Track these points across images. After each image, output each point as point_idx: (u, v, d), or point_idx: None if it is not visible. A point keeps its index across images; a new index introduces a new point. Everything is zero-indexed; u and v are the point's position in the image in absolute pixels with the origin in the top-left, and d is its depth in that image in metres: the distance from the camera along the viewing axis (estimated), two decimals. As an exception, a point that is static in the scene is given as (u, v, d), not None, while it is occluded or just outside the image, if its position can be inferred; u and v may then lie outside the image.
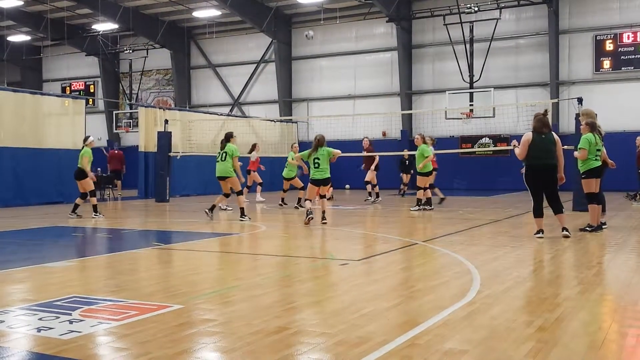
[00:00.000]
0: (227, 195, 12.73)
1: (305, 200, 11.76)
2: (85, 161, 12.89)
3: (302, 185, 15.61)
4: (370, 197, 17.58)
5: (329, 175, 11.50)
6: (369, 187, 17.66)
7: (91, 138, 13.51)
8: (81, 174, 12.97)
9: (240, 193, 12.54)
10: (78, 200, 13.09)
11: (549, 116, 9.24)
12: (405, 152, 20.18)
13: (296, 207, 15.29)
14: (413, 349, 3.64)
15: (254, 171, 18.32)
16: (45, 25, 29.23)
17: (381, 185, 24.12)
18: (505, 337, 3.89)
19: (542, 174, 8.82)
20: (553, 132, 9.03)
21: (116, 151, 23.64)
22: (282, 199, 16.25)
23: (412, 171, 20.85)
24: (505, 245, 8.34)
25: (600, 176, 9.85)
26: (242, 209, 12.29)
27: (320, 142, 11.45)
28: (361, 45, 27.85)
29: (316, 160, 11.36)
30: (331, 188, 16.07)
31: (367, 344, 3.72)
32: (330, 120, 26.00)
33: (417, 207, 14.32)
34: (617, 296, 5.33)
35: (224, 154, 12.45)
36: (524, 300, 4.99)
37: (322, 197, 11.72)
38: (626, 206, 15.43)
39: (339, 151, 11.63)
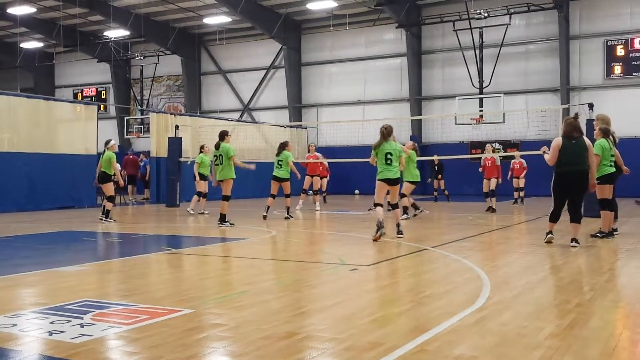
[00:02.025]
0: (227, 198, 12.13)
1: (375, 205, 9.77)
2: (115, 165, 13.18)
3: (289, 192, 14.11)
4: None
5: (400, 178, 9.89)
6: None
7: (113, 141, 13.71)
8: (106, 178, 13.02)
9: (226, 198, 12.02)
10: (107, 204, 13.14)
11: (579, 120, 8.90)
12: (435, 158, 20.19)
13: (287, 218, 13.76)
14: (423, 354, 3.64)
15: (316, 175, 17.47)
16: (57, 32, 29.48)
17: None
18: (516, 343, 3.87)
19: (572, 180, 8.47)
20: (585, 137, 8.67)
21: (131, 156, 23.73)
22: (268, 208, 13.62)
23: (439, 176, 21.01)
24: (516, 251, 8.31)
25: (614, 182, 9.78)
26: (223, 215, 11.91)
27: (389, 132, 9.72)
28: (371, 51, 27.89)
29: (388, 156, 9.58)
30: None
31: (376, 349, 3.71)
32: (339, 126, 26.01)
33: (406, 216, 13.57)
34: (629, 302, 5.29)
35: (220, 157, 12.06)
36: (535, 306, 4.96)
37: (393, 207, 10.08)
38: (637, 212, 15.33)
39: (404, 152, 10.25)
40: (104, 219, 12.93)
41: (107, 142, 13.59)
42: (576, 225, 8.58)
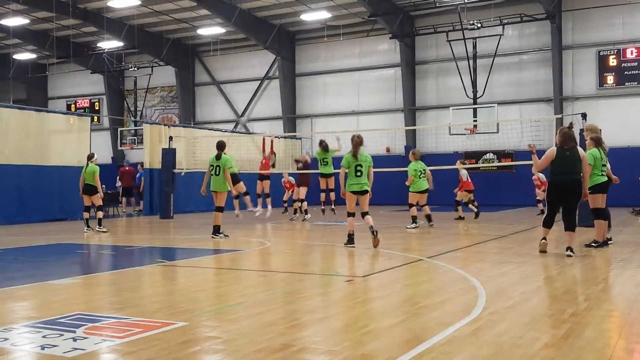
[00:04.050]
0: (221, 209, 12.10)
1: (348, 215, 10.11)
2: (97, 178, 13.44)
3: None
4: (300, 214, 16.99)
5: (368, 189, 9.95)
6: (305, 204, 17.02)
7: (96, 155, 14.00)
8: (93, 189, 13.41)
9: (220, 210, 11.94)
10: (86, 215, 13.55)
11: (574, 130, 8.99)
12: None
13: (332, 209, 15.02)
14: (418, 366, 3.61)
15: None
16: (50, 44, 29.48)
17: (389, 202, 24.12)
18: (511, 354, 3.85)
19: (567, 189, 8.58)
20: (579, 147, 8.79)
21: (127, 168, 23.59)
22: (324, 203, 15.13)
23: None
24: (511, 261, 8.29)
25: (607, 191, 9.81)
26: (217, 227, 11.83)
27: (361, 141, 9.91)
28: (365, 62, 27.99)
29: (358, 168, 9.83)
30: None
31: (372, 361, 3.69)
32: (334, 136, 26.01)
33: (415, 225, 13.95)
34: (623, 312, 5.28)
35: (218, 167, 11.89)
36: (530, 316, 4.95)
37: (363, 215, 9.97)
38: (631, 222, 15.36)
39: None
40: (100, 228, 13.24)
41: (91, 156, 13.85)
42: (571, 234, 8.65)
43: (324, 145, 15.10)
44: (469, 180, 17.20)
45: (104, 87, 33.46)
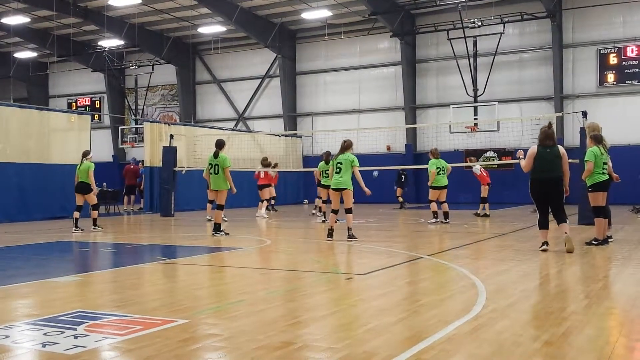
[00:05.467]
0: (222, 208, 12.14)
1: (331, 212, 11.01)
2: (92, 175, 13.10)
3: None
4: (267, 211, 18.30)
5: (345, 187, 10.60)
6: (265, 204, 18.24)
7: (91, 153, 13.79)
8: (88, 188, 13.11)
9: (220, 208, 12.02)
10: (77, 214, 13.20)
11: (554, 129, 9.28)
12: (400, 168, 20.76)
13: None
14: (419, 363, 3.62)
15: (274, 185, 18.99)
16: (51, 42, 29.50)
17: (389, 200, 24.11)
18: (512, 352, 3.86)
19: (546, 186, 8.86)
20: (559, 145, 9.08)
21: (132, 166, 23.52)
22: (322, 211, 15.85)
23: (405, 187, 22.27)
24: (511, 259, 8.30)
25: (607, 190, 9.81)
26: (218, 225, 11.87)
27: (348, 145, 10.78)
28: (365, 60, 27.97)
29: (338, 165, 10.67)
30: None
31: (372, 359, 3.70)
32: (334, 135, 26.02)
33: (434, 220, 14.50)
34: (624, 310, 5.29)
35: (217, 166, 11.89)
36: (530, 314, 4.96)
37: (346, 212, 10.84)
38: (632, 220, 15.36)
39: (357, 166, 10.62)
40: (95, 228, 13.11)
41: (86, 153, 13.54)
42: (564, 225, 8.86)
43: (326, 159, 15.33)
44: (482, 174, 17.36)
45: (105, 86, 33.47)
